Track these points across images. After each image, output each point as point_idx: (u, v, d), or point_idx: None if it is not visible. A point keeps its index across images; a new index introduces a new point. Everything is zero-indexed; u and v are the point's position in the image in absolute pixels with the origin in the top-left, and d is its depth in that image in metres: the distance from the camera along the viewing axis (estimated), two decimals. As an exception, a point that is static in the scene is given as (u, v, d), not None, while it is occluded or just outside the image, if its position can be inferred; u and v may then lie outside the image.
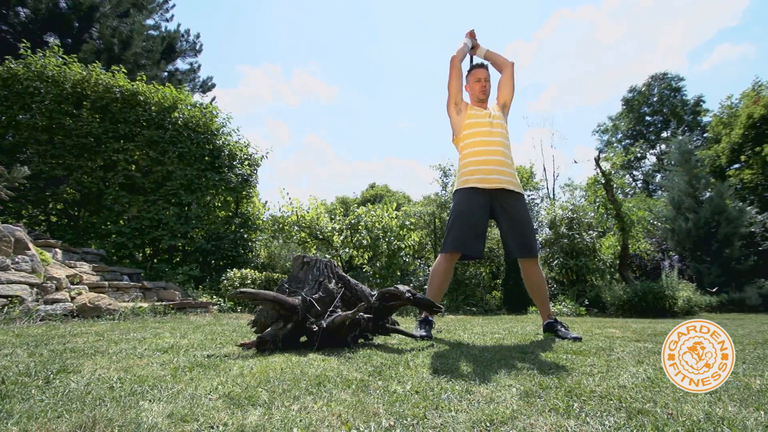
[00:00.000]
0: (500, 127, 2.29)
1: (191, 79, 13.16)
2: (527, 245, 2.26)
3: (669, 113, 18.31)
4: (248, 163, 7.08)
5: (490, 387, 1.04)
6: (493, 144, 2.24)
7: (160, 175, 6.09)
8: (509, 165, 2.26)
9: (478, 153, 2.25)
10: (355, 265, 7.99)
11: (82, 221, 5.92)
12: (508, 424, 0.76)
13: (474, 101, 2.42)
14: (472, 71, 2.44)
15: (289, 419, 0.77)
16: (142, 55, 10.32)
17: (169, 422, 0.76)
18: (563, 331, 2.30)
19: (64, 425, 0.73)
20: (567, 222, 7.79)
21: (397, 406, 0.86)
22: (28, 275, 3.18)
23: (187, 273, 5.78)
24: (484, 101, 2.40)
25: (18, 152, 5.68)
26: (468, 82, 2.47)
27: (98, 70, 5.95)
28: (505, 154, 2.25)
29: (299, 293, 1.88)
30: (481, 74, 2.41)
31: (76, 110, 5.76)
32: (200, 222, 6.32)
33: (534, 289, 2.46)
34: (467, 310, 7.15)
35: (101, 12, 9.62)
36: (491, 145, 2.23)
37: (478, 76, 2.41)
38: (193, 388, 1.02)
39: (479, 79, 2.39)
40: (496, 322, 4.35)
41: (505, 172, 2.23)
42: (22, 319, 2.88)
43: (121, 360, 1.45)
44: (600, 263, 7.47)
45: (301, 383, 1.08)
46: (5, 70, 5.44)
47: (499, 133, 2.28)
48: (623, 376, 1.25)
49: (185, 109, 6.48)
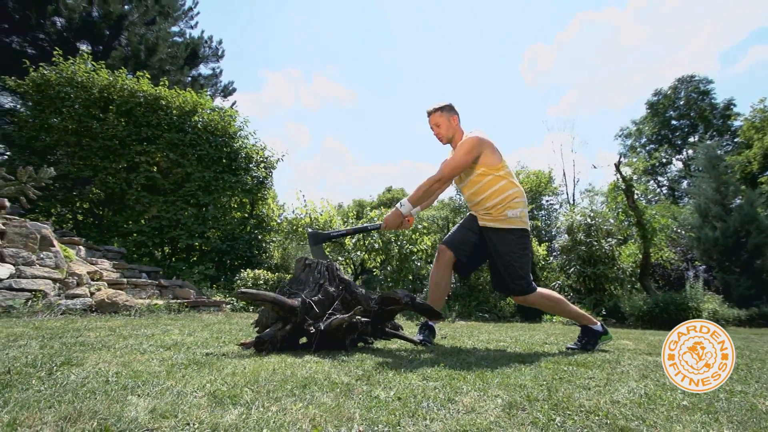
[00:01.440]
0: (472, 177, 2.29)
1: (213, 83, 13.56)
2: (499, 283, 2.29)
3: (696, 117, 17.58)
4: (264, 165, 7.23)
5: (475, 396, 1.03)
6: (471, 197, 2.31)
7: (179, 177, 6.30)
8: (489, 204, 2.24)
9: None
10: (368, 268, 8.01)
11: (106, 220, 6.17)
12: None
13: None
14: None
15: (263, 420, 0.79)
16: (167, 61, 10.71)
17: (149, 417, 0.79)
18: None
19: (51, 415, 0.76)
20: (585, 228, 7.57)
21: (373, 411, 0.86)
22: (51, 271, 3.35)
23: (203, 272, 5.94)
24: (448, 143, 2.38)
25: (49, 154, 6.00)
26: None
27: (124, 75, 6.22)
28: (483, 200, 2.25)
29: (299, 295, 1.91)
30: (429, 121, 2.37)
31: (103, 114, 6.03)
32: (217, 222, 6.48)
33: (552, 312, 2.44)
34: (479, 316, 7.05)
35: (129, 20, 10.06)
36: (471, 198, 2.32)
37: (430, 124, 2.38)
38: (182, 385, 1.05)
39: (431, 127, 2.37)
40: (506, 329, 4.27)
41: (486, 211, 2.26)
42: (45, 313, 3.03)
43: (124, 355, 1.51)
44: (619, 272, 7.22)
45: (287, 385, 1.09)
46: (39, 76, 5.76)
47: (472, 182, 2.28)
48: (620, 390, 1.21)
49: (205, 113, 6.68)
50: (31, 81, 5.75)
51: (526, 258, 2.24)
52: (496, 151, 2.23)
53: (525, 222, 2.24)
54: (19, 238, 3.28)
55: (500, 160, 2.22)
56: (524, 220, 2.24)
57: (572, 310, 2.35)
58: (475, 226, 2.32)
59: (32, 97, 5.83)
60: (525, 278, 2.21)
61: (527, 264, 2.24)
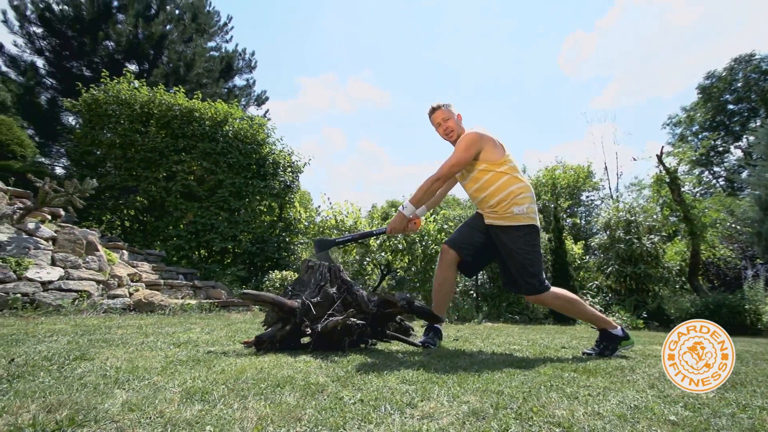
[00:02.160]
0: (474, 173, 2.23)
1: (247, 93, 14.21)
2: (510, 282, 2.24)
3: (757, 100, 15.85)
4: (290, 170, 7.47)
5: (442, 402, 1.01)
6: (475, 195, 2.26)
7: (212, 184, 6.67)
8: (494, 200, 2.17)
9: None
10: (394, 268, 8.02)
11: (149, 226, 6.67)
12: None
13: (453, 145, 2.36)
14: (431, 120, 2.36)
15: (217, 417, 0.83)
16: (204, 75, 11.38)
17: (119, 410, 0.86)
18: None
19: (35, 405, 0.85)
20: (624, 225, 7.09)
21: (324, 413, 0.87)
22: (95, 273, 3.68)
23: (235, 273, 6.24)
24: (454, 142, 2.29)
25: (99, 166, 6.59)
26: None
27: (162, 90, 6.69)
28: (487, 196, 2.18)
29: (301, 296, 1.96)
30: (434, 120, 2.31)
31: (144, 128, 6.53)
32: (247, 226, 6.79)
33: (566, 312, 2.33)
34: (509, 318, 6.83)
35: (170, 39, 10.81)
36: (474, 196, 2.27)
37: (433, 124, 2.33)
38: (166, 381, 1.12)
39: (437, 125, 2.31)
40: (529, 332, 4.11)
41: (491, 209, 2.20)
42: (89, 311, 3.33)
43: (134, 351, 1.63)
44: (664, 271, 6.69)
45: (263, 384, 1.13)
46: (90, 96, 6.34)
47: (475, 179, 2.23)
48: (611, 401, 1.13)
49: (235, 122, 7.03)
50: (83, 101, 6.34)
51: (537, 255, 2.15)
52: (498, 147, 2.16)
53: (532, 218, 2.15)
54: (68, 244, 3.64)
55: (502, 155, 2.15)
56: (532, 216, 2.15)
57: (588, 311, 2.22)
58: (481, 224, 2.26)
59: (84, 116, 6.44)
60: (536, 276, 2.12)
61: (538, 261, 2.15)
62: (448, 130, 2.27)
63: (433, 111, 2.30)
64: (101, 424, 0.77)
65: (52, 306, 3.10)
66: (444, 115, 2.26)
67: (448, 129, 2.26)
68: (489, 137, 2.15)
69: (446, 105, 2.30)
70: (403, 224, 2.26)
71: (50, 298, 3.11)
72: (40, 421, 0.76)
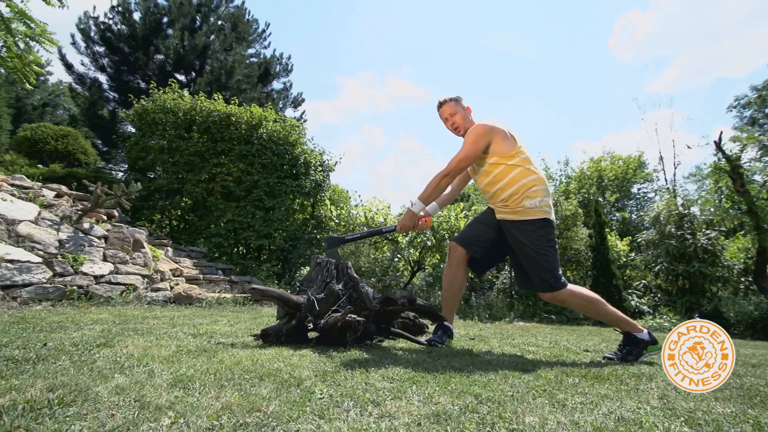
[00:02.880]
0: (485, 167, 2.16)
1: (284, 96, 14.74)
2: (524, 279, 2.17)
3: None
4: (321, 169, 7.67)
5: (410, 402, 1.01)
6: (486, 189, 2.20)
7: (248, 184, 7.03)
8: (505, 194, 2.10)
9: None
10: (424, 266, 7.97)
11: (193, 225, 7.17)
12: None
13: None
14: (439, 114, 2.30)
15: (188, 404, 0.89)
16: (243, 81, 11.98)
17: (107, 393, 0.95)
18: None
19: (40, 384, 0.97)
20: (676, 219, 6.49)
21: (286, 406, 0.91)
22: (141, 268, 4.04)
23: (270, 269, 6.55)
24: (463, 136, 2.22)
25: (150, 170, 7.19)
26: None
27: (202, 98, 7.15)
28: (498, 191, 2.12)
29: (307, 292, 2.03)
30: (441, 115, 2.25)
31: (187, 133, 7.01)
32: (281, 224, 7.08)
33: (585, 312, 2.21)
34: (544, 317, 6.55)
35: (212, 49, 11.49)
36: (486, 190, 2.22)
37: (441, 118, 2.27)
38: (164, 368, 1.22)
39: (445, 120, 2.25)
40: (559, 333, 3.92)
41: (502, 203, 2.14)
42: (134, 303, 3.67)
43: (154, 340, 1.78)
44: (724, 270, 6.04)
45: (248, 375, 1.20)
46: (140, 106, 6.93)
47: (486, 173, 2.16)
48: (599, 412, 1.05)
49: (269, 125, 7.34)
50: (135, 111, 6.95)
51: (552, 251, 2.05)
52: (509, 138, 2.08)
53: (546, 211, 2.05)
54: (118, 242, 4.02)
55: (513, 147, 2.06)
56: (545, 210, 2.05)
57: (610, 311, 2.09)
58: (493, 220, 2.19)
59: (136, 124, 7.05)
60: (552, 272, 2.03)
61: (554, 257, 2.05)
62: (454, 125, 2.21)
63: (440, 105, 2.26)
64: (86, 405, 0.86)
65: (102, 297, 3.45)
66: (451, 110, 2.21)
67: (454, 124, 2.21)
68: (499, 129, 2.07)
69: (454, 99, 2.24)
70: (413, 222, 2.25)
71: (101, 291, 3.47)
72: (36, 399, 0.86)
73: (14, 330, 1.81)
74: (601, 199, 12.76)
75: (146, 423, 0.77)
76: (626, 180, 13.14)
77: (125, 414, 0.82)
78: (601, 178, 12.71)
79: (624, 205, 13.71)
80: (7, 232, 3.29)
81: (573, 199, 9.02)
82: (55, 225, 3.73)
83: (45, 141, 8.06)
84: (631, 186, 13.50)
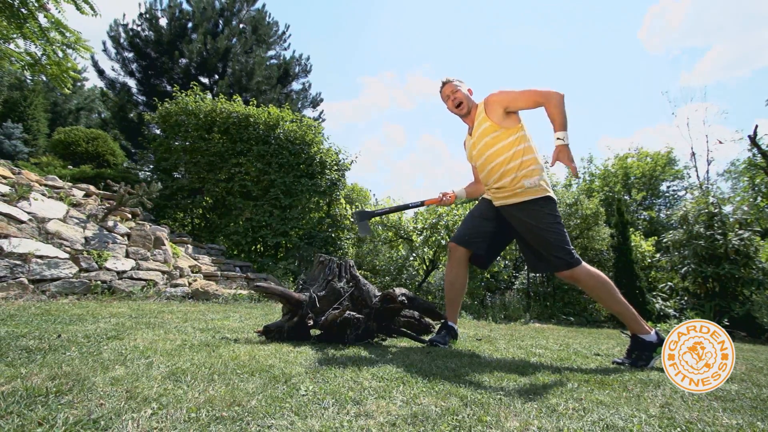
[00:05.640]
0: (487, 139, 2.08)
1: (303, 96, 14.96)
2: (537, 261, 2.13)
3: None
4: (336, 168, 7.74)
5: (392, 402, 1.01)
6: (483, 166, 2.15)
7: (266, 183, 7.18)
8: (503, 175, 2.04)
9: (479, 180, 2.34)
10: (440, 264, 7.90)
11: (213, 223, 7.40)
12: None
13: (465, 121, 2.25)
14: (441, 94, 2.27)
15: (174, 396, 0.93)
16: (263, 82, 12.23)
17: (104, 383, 1.00)
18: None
19: (44, 373, 1.03)
20: (706, 218, 6.15)
21: (267, 401, 0.93)
22: (161, 264, 4.21)
23: (286, 267, 6.67)
24: (466, 115, 2.18)
25: (173, 171, 7.46)
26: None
27: (222, 100, 7.35)
28: (496, 166, 2.06)
29: (309, 290, 2.06)
30: (443, 94, 2.23)
31: (208, 134, 7.24)
32: (298, 222, 7.20)
33: (597, 296, 2.08)
34: (562, 319, 6.37)
35: (233, 52, 11.78)
36: (482, 170, 2.17)
37: (443, 96, 2.24)
38: (162, 361, 1.27)
39: (446, 98, 2.21)
40: (574, 335, 3.81)
41: (499, 187, 2.08)
42: (154, 298, 3.83)
43: (163, 334, 1.85)
44: (759, 272, 5.69)
45: (241, 369, 1.23)
46: (164, 109, 7.21)
47: (487, 146, 2.08)
48: (588, 419, 1.02)
49: (285, 125, 7.48)
50: (159, 113, 7.23)
51: (560, 227, 1.99)
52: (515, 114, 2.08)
53: (546, 189, 2.01)
54: (140, 239, 4.20)
55: (516, 123, 2.05)
56: (545, 188, 2.01)
57: (621, 300, 1.98)
58: (488, 211, 2.16)
59: (160, 126, 7.33)
60: (564, 248, 1.96)
61: (563, 233, 1.99)
62: (456, 101, 2.17)
63: (443, 85, 2.25)
64: (81, 394, 0.91)
65: (124, 292, 3.62)
66: (453, 88, 2.20)
67: (457, 100, 2.17)
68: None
69: (456, 79, 2.24)
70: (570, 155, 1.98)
71: (123, 285, 3.64)
72: (35, 387, 0.92)
73: (36, 321, 1.93)
74: (627, 197, 12.25)
75: (129, 413, 0.81)
76: (654, 177, 12.56)
77: (113, 404, 0.86)
78: (627, 175, 12.20)
79: (652, 203, 13.13)
80: (37, 229, 3.51)
81: (595, 197, 8.71)
82: (81, 223, 3.94)
83: (77, 143, 8.51)
84: (659, 184, 12.91)
